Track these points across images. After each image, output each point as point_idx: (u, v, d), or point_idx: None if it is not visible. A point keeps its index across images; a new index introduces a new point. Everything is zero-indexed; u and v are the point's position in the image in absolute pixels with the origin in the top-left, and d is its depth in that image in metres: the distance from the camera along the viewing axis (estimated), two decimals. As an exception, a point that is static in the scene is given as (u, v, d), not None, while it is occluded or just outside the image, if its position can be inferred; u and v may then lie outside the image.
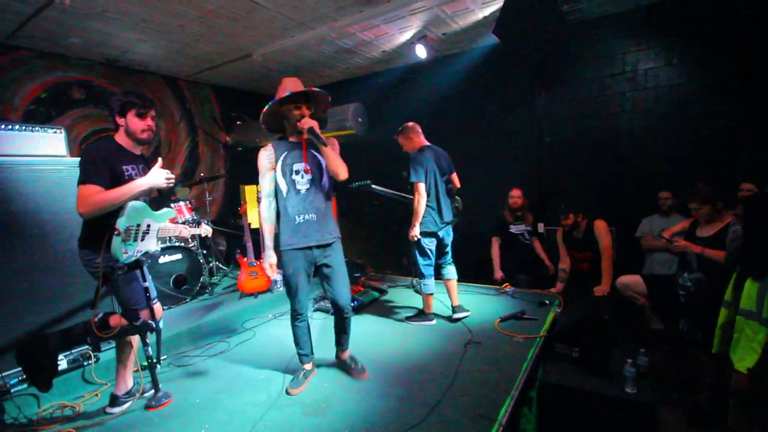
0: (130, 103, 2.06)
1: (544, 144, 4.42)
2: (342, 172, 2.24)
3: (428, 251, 3.16)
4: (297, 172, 2.26)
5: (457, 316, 3.25)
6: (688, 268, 2.89)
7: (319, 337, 3.12)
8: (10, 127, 2.52)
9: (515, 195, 4.12)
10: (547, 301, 3.49)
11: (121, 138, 2.11)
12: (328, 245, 2.34)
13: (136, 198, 2.01)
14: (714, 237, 2.82)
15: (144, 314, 2.11)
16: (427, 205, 3.06)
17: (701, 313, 2.77)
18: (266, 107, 2.19)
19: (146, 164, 2.19)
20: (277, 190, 2.27)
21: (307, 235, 2.27)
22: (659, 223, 3.64)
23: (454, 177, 3.33)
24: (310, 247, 2.28)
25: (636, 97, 3.89)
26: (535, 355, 2.60)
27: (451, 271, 3.32)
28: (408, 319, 3.38)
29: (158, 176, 2.07)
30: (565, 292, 3.73)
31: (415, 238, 3.11)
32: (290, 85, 2.20)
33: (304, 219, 2.26)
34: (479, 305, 3.58)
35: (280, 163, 2.26)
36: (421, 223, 3.08)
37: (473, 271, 4.29)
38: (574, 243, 3.76)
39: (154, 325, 2.12)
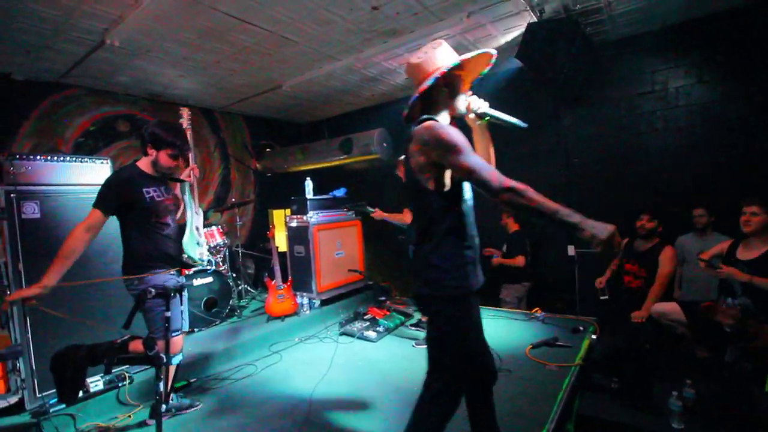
0: (168, 143, 2.15)
1: (572, 165, 4.34)
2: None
3: None
4: None
5: None
6: (730, 293, 2.70)
7: (346, 361, 3.11)
8: (61, 158, 2.70)
9: None
10: (581, 327, 3.34)
11: (145, 165, 2.21)
12: None
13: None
14: (757, 260, 2.63)
15: (159, 345, 1.98)
16: None
17: (749, 342, 2.58)
18: (435, 76, 1.49)
19: (166, 185, 2.30)
20: (461, 192, 1.56)
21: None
22: (694, 243, 3.40)
23: None
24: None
25: (667, 115, 3.79)
26: (571, 385, 2.47)
27: None
28: (417, 344, 3.36)
29: None
30: (604, 310, 3.55)
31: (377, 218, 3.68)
32: (448, 51, 1.57)
33: (476, 244, 1.62)
34: (508, 331, 3.46)
35: None
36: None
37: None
38: (633, 254, 3.53)
39: (163, 359, 1.95)
